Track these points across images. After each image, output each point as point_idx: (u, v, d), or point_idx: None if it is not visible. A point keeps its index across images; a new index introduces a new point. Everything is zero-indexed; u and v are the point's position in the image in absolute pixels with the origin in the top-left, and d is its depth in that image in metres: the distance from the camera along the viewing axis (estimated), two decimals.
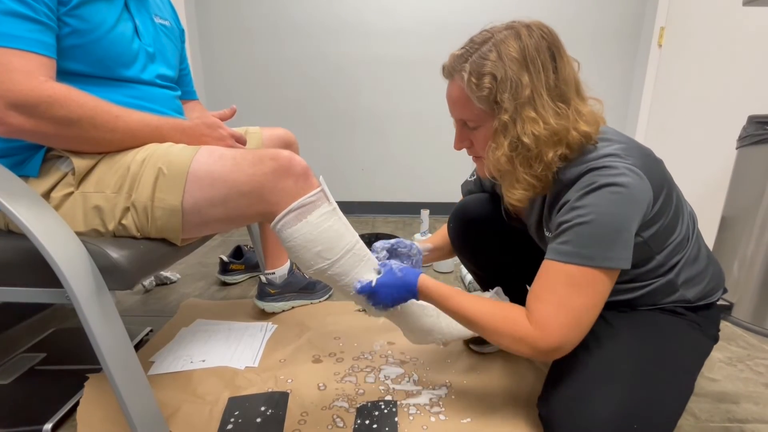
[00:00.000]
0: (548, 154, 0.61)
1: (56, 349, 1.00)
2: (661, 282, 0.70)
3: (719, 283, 0.75)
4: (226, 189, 0.68)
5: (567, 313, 0.60)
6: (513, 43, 0.60)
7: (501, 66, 0.60)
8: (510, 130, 0.62)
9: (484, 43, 0.62)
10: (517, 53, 0.59)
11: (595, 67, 2.28)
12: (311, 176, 0.70)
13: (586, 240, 0.59)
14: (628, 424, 0.59)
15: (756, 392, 0.90)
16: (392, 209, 2.53)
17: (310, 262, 0.69)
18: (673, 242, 0.68)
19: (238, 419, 0.78)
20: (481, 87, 0.61)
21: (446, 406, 0.82)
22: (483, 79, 0.61)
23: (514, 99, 0.60)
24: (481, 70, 0.61)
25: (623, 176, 0.58)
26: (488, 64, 0.60)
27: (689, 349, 0.70)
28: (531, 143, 0.61)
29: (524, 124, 0.61)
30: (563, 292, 0.60)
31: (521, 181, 0.65)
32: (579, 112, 0.63)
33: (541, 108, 0.60)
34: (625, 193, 0.57)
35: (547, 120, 0.60)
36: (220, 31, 2.28)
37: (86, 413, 0.78)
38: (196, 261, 1.70)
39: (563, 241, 0.61)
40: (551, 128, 0.60)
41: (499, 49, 0.60)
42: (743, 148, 1.22)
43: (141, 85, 0.78)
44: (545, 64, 0.60)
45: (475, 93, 0.62)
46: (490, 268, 0.97)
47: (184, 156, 0.69)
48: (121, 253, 0.63)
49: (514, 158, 0.63)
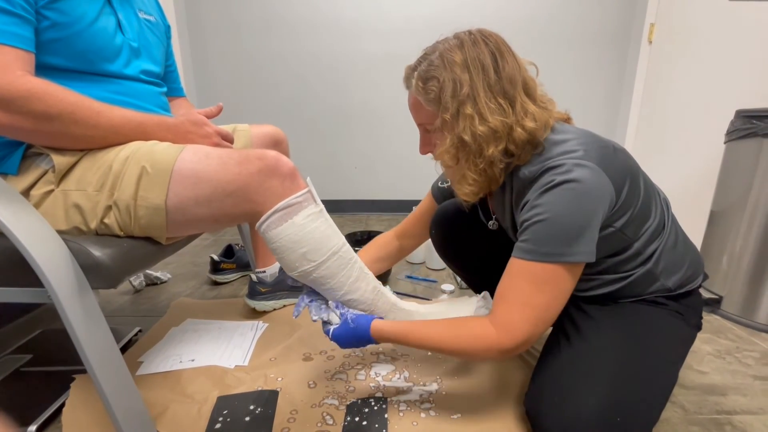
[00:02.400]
0: (488, 149, 0.63)
1: (43, 351, 0.98)
2: (641, 272, 0.70)
3: (698, 269, 0.76)
4: (211, 188, 0.67)
5: (531, 311, 0.62)
6: (457, 50, 0.64)
7: (443, 68, 0.64)
8: (452, 128, 0.65)
9: (433, 52, 0.66)
10: (460, 58, 0.63)
11: (586, 64, 2.29)
12: (298, 177, 0.70)
13: (544, 238, 0.60)
14: (612, 417, 0.59)
15: (744, 384, 0.91)
16: (385, 207, 2.52)
17: (294, 264, 0.68)
18: (648, 228, 0.69)
19: (227, 418, 0.77)
20: (428, 90, 0.65)
21: (436, 402, 0.82)
22: (429, 82, 0.65)
23: (454, 98, 0.63)
24: (427, 75, 0.65)
25: (578, 172, 0.58)
26: (433, 69, 0.65)
27: (672, 338, 0.71)
28: (470, 140, 0.63)
29: (465, 122, 0.63)
30: (526, 290, 0.62)
31: (466, 177, 0.67)
32: (525, 110, 0.64)
33: (481, 105, 0.62)
34: (581, 189, 0.58)
35: (485, 117, 0.62)
36: (209, 27, 2.26)
37: (72, 415, 0.76)
38: (187, 260, 1.68)
39: (524, 239, 0.62)
40: (490, 125, 0.62)
41: (444, 56, 0.64)
42: (731, 143, 1.23)
43: (124, 81, 0.76)
44: (486, 65, 0.63)
45: (423, 96, 0.66)
46: (478, 270, 0.97)
47: (168, 154, 0.67)
48: (104, 251, 0.62)
49: (458, 155, 0.66)
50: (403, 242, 1.00)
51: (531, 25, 2.19)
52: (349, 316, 0.71)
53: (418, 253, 1.63)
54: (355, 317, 0.71)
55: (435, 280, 1.48)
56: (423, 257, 1.64)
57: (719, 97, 1.65)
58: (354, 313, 0.72)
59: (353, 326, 0.70)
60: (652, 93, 2.12)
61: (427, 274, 1.55)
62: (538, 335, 0.63)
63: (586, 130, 0.68)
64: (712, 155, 1.50)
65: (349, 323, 0.70)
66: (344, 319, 0.71)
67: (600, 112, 2.37)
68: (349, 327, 0.70)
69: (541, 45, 2.23)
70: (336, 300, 0.73)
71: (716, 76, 1.69)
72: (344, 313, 0.72)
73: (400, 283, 1.46)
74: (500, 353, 0.62)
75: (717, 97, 1.67)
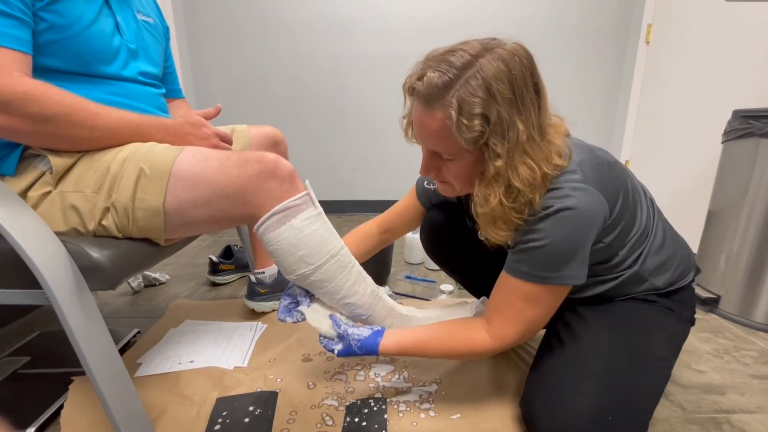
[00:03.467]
0: (536, 197, 0.60)
1: (41, 353, 0.98)
2: (628, 274, 0.71)
3: (688, 266, 0.76)
4: (210, 190, 0.67)
5: (523, 324, 0.66)
6: (501, 77, 0.54)
7: (494, 106, 0.54)
8: (503, 176, 0.58)
9: (466, 68, 0.55)
10: (508, 91, 0.54)
11: (584, 65, 2.29)
12: (297, 179, 0.70)
13: (540, 263, 0.62)
14: (604, 416, 0.60)
15: (742, 383, 0.91)
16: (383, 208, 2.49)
17: (292, 267, 0.68)
18: (633, 237, 0.69)
19: (226, 419, 0.77)
20: (472, 129, 0.55)
21: (436, 402, 0.82)
22: (473, 120, 0.54)
23: (507, 143, 0.56)
24: (472, 110, 0.54)
25: (576, 198, 0.58)
26: (478, 102, 0.54)
27: (664, 335, 0.71)
28: (525, 189, 0.58)
29: (518, 170, 0.57)
30: (520, 306, 0.65)
31: (509, 223, 0.62)
32: (551, 143, 0.60)
33: (533, 152, 0.57)
34: (578, 216, 0.59)
35: (539, 164, 0.58)
36: (208, 29, 2.26)
37: (70, 417, 0.76)
38: (186, 261, 1.68)
39: (519, 260, 0.64)
40: (542, 173, 0.58)
41: (489, 85, 0.54)
42: (728, 142, 1.23)
43: (123, 82, 0.76)
44: (532, 101, 0.57)
45: (463, 134, 0.56)
46: (470, 272, 0.96)
47: (166, 156, 0.67)
48: (103, 252, 0.62)
49: (505, 202, 0.60)
50: (383, 236, 0.99)
51: (529, 24, 2.20)
52: (352, 340, 0.69)
53: (417, 254, 1.63)
54: (360, 343, 0.69)
55: (434, 280, 1.48)
56: (422, 257, 1.64)
57: (716, 97, 1.66)
58: (356, 333, 0.70)
59: (360, 352, 0.70)
60: (649, 93, 2.12)
61: (426, 274, 1.55)
62: (525, 340, 0.69)
63: (582, 143, 0.68)
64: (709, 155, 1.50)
65: (355, 350, 0.70)
66: (347, 344, 0.70)
67: (598, 112, 2.38)
68: (354, 350, 0.70)
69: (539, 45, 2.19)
70: (335, 303, 0.73)
71: (713, 76, 1.70)
72: (345, 335, 0.70)
73: (399, 284, 1.46)
74: (491, 354, 0.70)
75: (714, 97, 1.68)
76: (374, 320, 0.76)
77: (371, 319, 0.76)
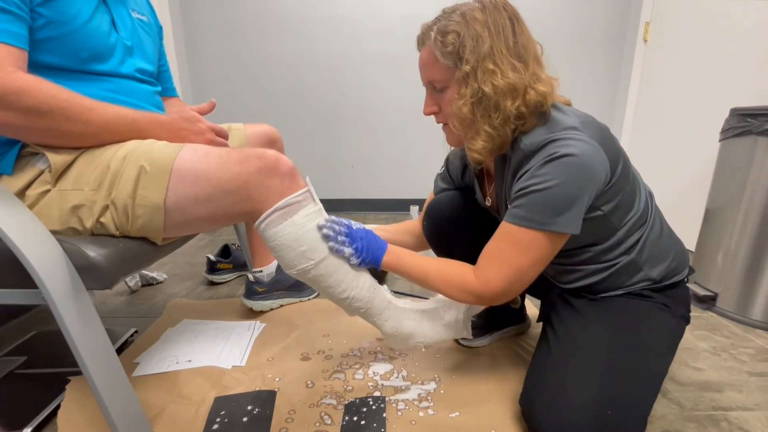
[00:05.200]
0: (506, 103, 0.65)
1: (37, 353, 0.98)
2: (624, 261, 0.72)
3: (683, 261, 0.77)
4: (211, 187, 0.66)
5: (509, 271, 0.67)
6: (477, 10, 0.66)
7: (464, 25, 0.65)
8: (471, 81, 0.66)
9: (453, 12, 0.68)
10: (480, 17, 0.65)
11: (582, 63, 2.29)
12: (298, 176, 0.70)
13: (539, 206, 0.63)
14: (603, 412, 0.60)
15: (740, 380, 0.92)
16: (382, 206, 2.52)
17: (293, 262, 0.68)
18: (632, 218, 0.71)
19: (224, 419, 0.76)
20: (446, 43, 0.66)
21: (435, 401, 0.82)
22: (447, 36, 0.66)
23: (475, 52, 0.65)
24: (446, 29, 0.66)
25: (580, 147, 0.61)
26: (453, 24, 0.66)
27: (659, 330, 0.72)
28: (490, 92, 0.65)
29: (484, 75, 0.65)
30: (509, 252, 0.67)
31: (481, 132, 0.68)
32: (537, 75, 0.67)
33: (500, 62, 0.65)
34: (581, 164, 0.61)
35: (505, 72, 0.65)
36: (204, 27, 2.25)
37: (67, 417, 0.76)
38: (183, 261, 1.67)
39: (518, 205, 0.66)
40: (509, 80, 0.64)
41: (464, 13, 0.66)
42: (726, 141, 1.23)
43: (119, 79, 0.76)
44: (505, 26, 0.66)
45: (440, 49, 0.67)
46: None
47: (167, 153, 0.67)
48: (99, 251, 0.62)
49: (475, 108, 0.67)
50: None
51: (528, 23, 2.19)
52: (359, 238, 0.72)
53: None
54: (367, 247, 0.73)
55: None
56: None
57: (714, 95, 1.66)
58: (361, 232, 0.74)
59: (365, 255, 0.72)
60: (647, 91, 2.13)
61: None
62: (512, 294, 0.69)
63: (585, 112, 0.71)
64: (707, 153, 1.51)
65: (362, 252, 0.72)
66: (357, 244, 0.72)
67: (596, 110, 2.37)
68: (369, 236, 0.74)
69: None
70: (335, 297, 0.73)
71: (711, 74, 1.70)
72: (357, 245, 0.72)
73: (397, 282, 1.46)
74: (476, 299, 0.71)
75: (712, 95, 1.68)
76: (372, 313, 0.76)
77: (369, 312, 0.76)
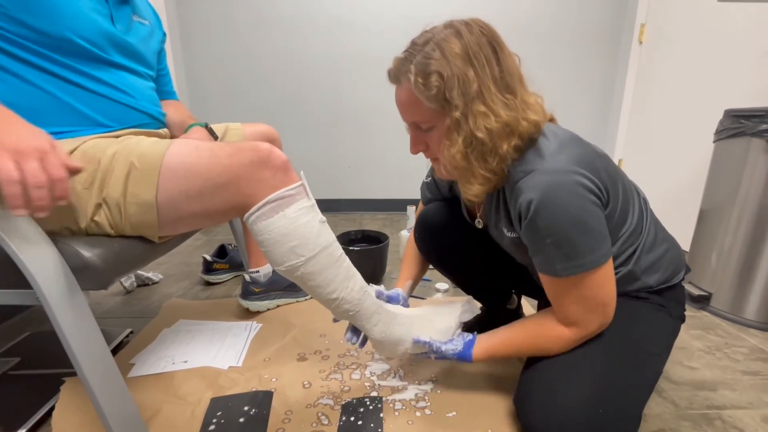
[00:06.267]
0: (503, 146, 0.62)
1: (31, 353, 0.97)
2: (623, 272, 0.71)
3: (679, 265, 0.77)
4: (202, 181, 0.65)
5: (592, 306, 0.65)
6: (454, 40, 0.60)
7: (446, 63, 0.59)
8: (463, 127, 0.62)
9: (426, 43, 0.61)
10: (460, 50, 0.59)
11: (578, 65, 2.30)
12: (291, 170, 0.69)
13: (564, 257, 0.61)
14: (595, 409, 0.60)
15: (733, 379, 0.93)
16: (379, 206, 2.52)
17: (282, 258, 0.66)
18: (625, 232, 0.69)
19: (221, 420, 0.76)
20: (429, 86, 0.60)
21: (432, 400, 0.82)
22: (430, 78, 0.60)
23: (463, 95, 0.60)
24: (426, 69, 0.60)
25: (570, 177, 0.58)
26: (433, 62, 0.60)
27: (655, 331, 0.72)
28: (485, 137, 0.61)
29: (476, 119, 0.60)
30: (578, 295, 0.64)
31: (477, 177, 0.65)
32: (526, 102, 0.63)
33: (491, 101, 0.61)
34: (574, 194, 0.58)
35: (497, 113, 0.60)
36: (201, 26, 2.24)
37: (62, 418, 0.75)
38: (180, 261, 1.66)
39: (544, 260, 0.63)
40: (503, 120, 0.60)
41: (442, 47, 0.60)
42: (720, 142, 1.24)
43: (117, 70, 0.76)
44: (488, 57, 0.60)
45: (423, 93, 0.61)
46: (462, 271, 0.96)
47: (156, 148, 0.66)
48: (94, 251, 0.61)
49: (469, 154, 0.63)
50: None
51: (523, 24, 2.20)
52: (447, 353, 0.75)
53: None
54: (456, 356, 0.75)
55: (429, 278, 1.48)
56: None
57: (709, 97, 1.68)
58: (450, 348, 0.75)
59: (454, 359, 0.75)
60: (642, 92, 2.14)
61: None
62: (610, 317, 0.66)
63: (569, 131, 0.68)
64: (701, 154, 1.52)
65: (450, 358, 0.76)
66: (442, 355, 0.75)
67: (591, 111, 2.39)
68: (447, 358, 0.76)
69: (533, 44, 2.24)
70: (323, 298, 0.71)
71: (706, 75, 1.71)
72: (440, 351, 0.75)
73: (394, 282, 1.46)
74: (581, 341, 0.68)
75: (706, 97, 1.70)
76: (361, 316, 0.74)
77: (358, 315, 0.73)
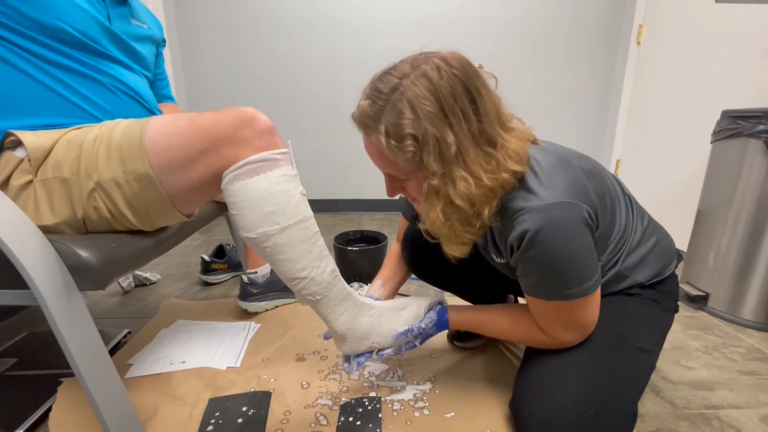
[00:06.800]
0: (484, 211, 0.59)
1: (28, 354, 0.96)
2: (610, 275, 0.71)
3: (670, 257, 0.76)
4: (183, 150, 0.62)
5: (572, 327, 0.66)
6: (426, 93, 0.54)
7: (418, 123, 0.54)
8: (441, 193, 0.58)
9: (393, 92, 0.56)
10: (433, 106, 0.54)
11: (576, 66, 2.31)
12: (276, 135, 0.65)
13: (555, 285, 0.61)
14: (589, 408, 0.60)
15: (731, 379, 0.93)
16: (378, 206, 2.52)
17: (255, 223, 0.60)
18: (613, 241, 0.69)
19: (219, 420, 0.76)
20: (404, 150, 0.56)
21: (430, 401, 0.82)
22: (404, 141, 0.55)
23: (440, 159, 0.56)
24: (399, 132, 0.55)
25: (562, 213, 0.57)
26: (406, 123, 0.55)
27: (648, 327, 0.72)
28: (465, 205, 0.58)
29: (456, 185, 0.57)
30: (559, 316, 0.65)
31: (460, 237, 0.62)
32: (506, 149, 0.59)
33: (470, 163, 0.56)
34: (566, 229, 0.57)
35: (479, 176, 0.56)
36: (199, 25, 2.23)
37: (59, 419, 0.75)
38: (178, 261, 1.66)
39: (536, 284, 0.64)
40: (484, 186, 0.57)
41: (413, 105, 0.54)
42: (717, 142, 1.25)
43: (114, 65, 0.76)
44: (464, 109, 0.55)
45: (398, 156, 0.57)
46: (454, 285, 0.96)
47: (137, 124, 0.64)
48: (92, 251, 0.61)
49: (451, 218, 0.60)
50: None
51: (521, 25, 2.20)
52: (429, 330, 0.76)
53: None
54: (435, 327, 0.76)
55: None
56: None
57: (706, 98, 1.68)
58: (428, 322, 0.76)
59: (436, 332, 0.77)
60: (640, 93, 2.14)
61: None
62: (589, 331, 0.67)
63: (552, 152, 0.64)
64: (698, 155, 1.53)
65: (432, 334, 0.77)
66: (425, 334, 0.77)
67: (589, 112, 2.39)
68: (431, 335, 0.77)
69: (530, 45, 2.24)
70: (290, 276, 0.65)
71: (703, 76, 1.72)
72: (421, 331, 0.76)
73: None
74: (554, 348, 0.69)
75: (704, 98, 1.70)
76: (327, 303, 0.68)
77: (324, 301, 0.68)
